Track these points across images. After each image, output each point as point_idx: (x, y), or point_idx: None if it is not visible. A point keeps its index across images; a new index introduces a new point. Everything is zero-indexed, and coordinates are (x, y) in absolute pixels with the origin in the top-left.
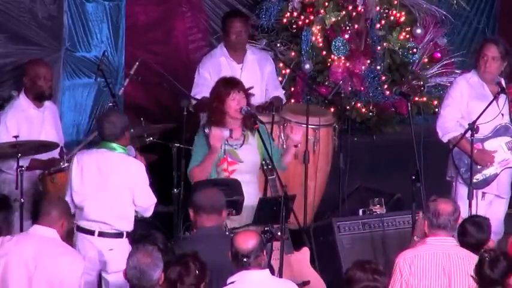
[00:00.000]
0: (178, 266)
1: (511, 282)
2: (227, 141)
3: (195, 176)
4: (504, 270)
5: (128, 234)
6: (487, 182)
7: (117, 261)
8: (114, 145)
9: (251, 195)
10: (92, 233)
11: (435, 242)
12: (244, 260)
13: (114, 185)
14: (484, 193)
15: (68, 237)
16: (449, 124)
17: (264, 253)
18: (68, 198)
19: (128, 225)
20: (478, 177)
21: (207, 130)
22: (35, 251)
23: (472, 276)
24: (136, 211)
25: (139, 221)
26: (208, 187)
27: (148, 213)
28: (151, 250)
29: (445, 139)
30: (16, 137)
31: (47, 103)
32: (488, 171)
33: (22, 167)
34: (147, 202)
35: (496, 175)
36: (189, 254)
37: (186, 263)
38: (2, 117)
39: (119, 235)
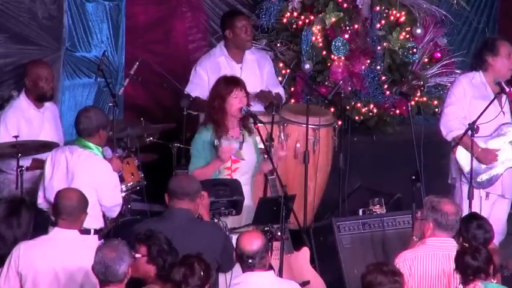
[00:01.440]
0: (182, 267)
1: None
2: (228, 140)
3: (197, 177)
4: (486, 259)
5: (96, 232)
6: (491, 181)
7: None
8: (87, 142)
9: (247, 195)
10: None
11: (435, 243)
12: (250, 261)
13: (78, 182)
14: (487, 193)
15: None
16: (453, 122)
17: (269, 254)
18: (40, 193)
19: (94, 223)
20: (483, 177)
21: (216, 142)
22: (62, 260)
23: (455, 269)
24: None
25: (140, 221)
26: (209, 185)
27: (112, 214)
28: (116, 244)
29: (449, 137)
30: (16, 137)
31: (47, 104)
32: (492, 171)
33: (22, 167)
34: (110, 203)
35: (500, 174)
36: (194, 255)
37: (191, 264)
38: (2, 117)
39: (85, 231)
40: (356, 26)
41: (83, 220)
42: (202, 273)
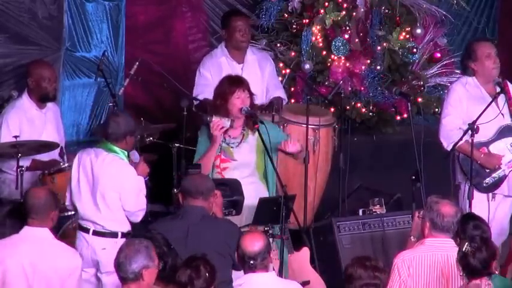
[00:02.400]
0: (188, 269)
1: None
2: (225, 138)
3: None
4: (486, 260)
5: (124, 235)
6: (496, 185)
7: (110, 261)
8: (112, 146)
9: (249, 195)
10: (87, 231)
11: (434, 243)
12: (251, 262)
13: (102, 185)
14: (494, 193)
15: (63, 236)
16: (452, 133)
17: (271, 255)
18: (67, 194)
19: (121, 226)
20: (488, 181)
21: (208, 118)
22: (31, 256)
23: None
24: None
25: (141, 222)
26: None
27: (135, 219)
28: (133, 243)
29: (450, 148)
30: (16, 137)
31: (49, 104)
32: (497, 174)
33: (22, 167)
34: (134, 208)
35: (505, 176)
36: (199, 257)
37: (196, 267)
38: (4, 117)
39: (113, 235)
40: (358, 25)
41: (53, 218)
42: (207, 275)
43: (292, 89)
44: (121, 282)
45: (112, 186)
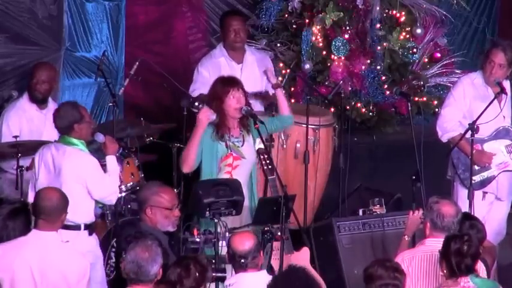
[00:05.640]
0: (178, 268)
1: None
2: (229, 138)
3: (183, 157)
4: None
5: (87, 227)
6: (483, 183)
7: None
8: (69, 139)
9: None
10: None
11: (434, 243)
12: (242, 261)
13: (65, 178)
14: (484, 193)
15: None
16: (449, 124)
17: (261, 254)
18: (31, 193)
19: (84, 218)
20: (476, 178)
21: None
22: (39, 261)
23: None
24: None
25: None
26: (209, 185)
27: (110, 202)
28: (150, 245)
29: (444, 139)
30: (16, 137)
31: (50, 104)
32: (486, 173)
33: (22, 167)
34: (102, 194)
35: (493, 177)
36: (191, 256)
37: (186, 266)
38: (4, 117)
39: (75, 227)
40: (358, 25)
41: (63, 220)
42: (197, 274)
43: (292, 89)
44: (133, 285)
45: (75, 178)
